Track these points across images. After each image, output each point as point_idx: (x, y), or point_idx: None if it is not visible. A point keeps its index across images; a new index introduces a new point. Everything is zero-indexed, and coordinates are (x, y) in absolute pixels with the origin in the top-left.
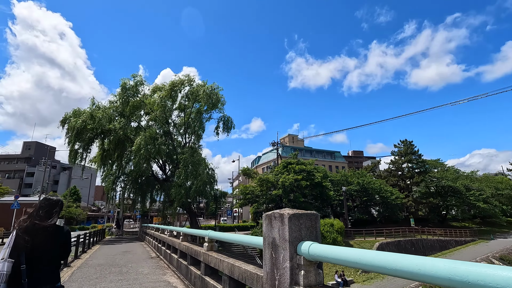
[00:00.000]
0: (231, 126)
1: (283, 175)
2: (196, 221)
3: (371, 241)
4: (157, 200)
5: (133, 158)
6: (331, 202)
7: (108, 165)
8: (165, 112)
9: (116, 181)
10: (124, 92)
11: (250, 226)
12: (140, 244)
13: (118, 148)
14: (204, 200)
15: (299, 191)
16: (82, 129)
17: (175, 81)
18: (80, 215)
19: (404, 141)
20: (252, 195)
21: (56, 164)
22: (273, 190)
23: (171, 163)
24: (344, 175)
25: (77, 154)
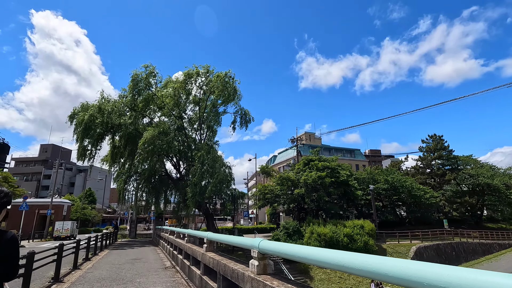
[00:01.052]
0: (249, 120)
1: (305, 173)
2: (213, 223)
3: (406, 245)
4: (171, 200)
5: (141, 153)
6: (357, 202)
7: (119, 164)
8: (178, 106)
9: (128, 180)
10: (135, 84)
11: (270, 228)
12: (153, 249)
13: (129, 145)
14: (220, 201)
15: (323, 190)
16: (90, 123)
17: (190, 72)
18: (95, 217)
19: (433, 136)
20: (271, 194)
21: (72, 167)
22: (294, 189)
23: (186, 161)
24: (370, 172)
25: (86, 151)
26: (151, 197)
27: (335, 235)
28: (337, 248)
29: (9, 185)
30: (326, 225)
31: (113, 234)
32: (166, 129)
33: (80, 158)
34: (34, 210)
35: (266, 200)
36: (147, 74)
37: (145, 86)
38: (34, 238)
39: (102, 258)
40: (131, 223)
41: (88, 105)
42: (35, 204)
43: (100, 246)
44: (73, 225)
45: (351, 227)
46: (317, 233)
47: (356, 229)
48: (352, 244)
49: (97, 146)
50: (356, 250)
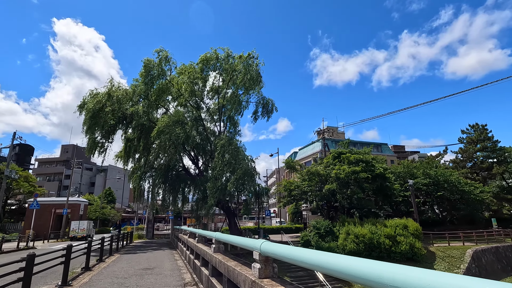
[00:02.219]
0: (271, 109)
1: (336, 167)
2: (235, 223)
3: (458, 248)
4: (189, 198)
5: (156, 146)
6: (394, 198)
7: (134, 159)
8: (195, 95)
9: (143, 176)
10: (147, 72)
11: (295, 228)
12: (170, 254)
13: (144, 138)
14: (243, 198)
15: (357, 185)
16: (99, 111)
17: (208, 56)
18: (114, 216)
19: (474, 125)
20: (298, 191)
21: (92, 167)
22: (324, 185)
23: (204, 156)
24: (406, 166)
25: (96, 144)
26: (168, 194)
27: (374, 236)
28: (378, 251)
29: (30, 185)
30: (364, 225)
31: (128, 235)
32: (182, 118)
33: (90, 151)
34: (51, 210)
35: (292, 198)
36: (160, 59)
37: (158, 74)
38: (50, 238)
39: (107, 266)
40: (148, 223)
41: (97, 93)
42: (51, 203)
43: (110, 250)
44: (89, 225)
45: (393, 227)
46: (354, 234)
47: (398, 229)
48: (396, 247)
49: (109, 138)
50: (401, 254)
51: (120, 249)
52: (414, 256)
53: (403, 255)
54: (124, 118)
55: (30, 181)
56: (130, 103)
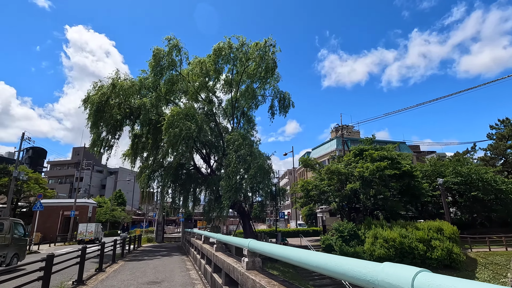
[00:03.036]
0: (288, 104)
1: (359, 164)
2: (250, 225)
3: (502, 253)
4: (201, 199)
5: (165, 142)
6: (422, 198)
7: (142, 158)
8: (207, 88)
9: (152, 176)
10: (157, 62)
11: (313, 231)
12: (181, 261)
13: (152, 134)
14: (258, 199)
15: (382, 184)
16: (104, 104)
17: (221, 46)
18: (124, 219)
19: (504, 120)
20: (316, 191)
21: (103, 169)
22: (346, 184)
23: (216, 154)
24: (433, 164)
25: (101, 140)
26: (179, 195)
27: (406, 241)
28: (411, 257)
29: (40, 187)
30: (393, 228)
31: (136, 238)
32: (193, 112)
33: (93, 148)
34: (58, 212)
35: (310, 198)
36: (170, 47)
37: (168, 64)
38: (57, 241)
39: (106, 278)
40: (158, 226)
41: (102, 85)
42: (59, 205)
43: (113, 256)
44: (97, 228)
45: (425, 230)
46: (383, 237)
47: (431, 232)
48: (431, 253)
49: (115, 134)
50: (437, 260)
51: (126, 255)
52: (453, 263)
53: (440, 261)
54: (131, 113)
55: (40, 183)
56: (137, 96)
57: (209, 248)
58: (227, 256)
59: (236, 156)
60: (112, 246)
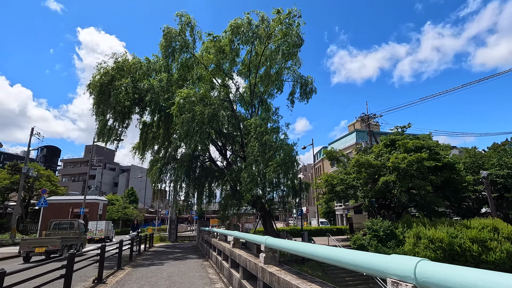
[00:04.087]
0: (310, 90)
1: (394, 155)
2: (271, 223)
3: None
4: (217, 195)
5: (177, 127)
6: (462, 194)
7: (152, 149)
8: (223, 71)
9: (163, 169)
10: (167, 43)
11: (336, 229)
12: (200, 267)
13: (163, 122)
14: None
15: (421, 177)
16: (108, 85)
17: (238, 22)
18: (137, 216)
19: None
20: (344, 185)
21: (115, 167)
22: (380, 177)
23: (233, 145)
24: (472, 155)
25: (108, 129)
26: (193, 190)
27: (455, 241)
28: (463, 260)
29: (52, 184)
30: (437, 226)
31: (148, 237)
32: (207, 95)
33: (100, 137)
34: (68, 209)
35: (335, 194)
36: (182, 26)
37: (180, 46)
38: None
39: None
40: (171, 224)
41: (107, 66)
42: (69, 202)
43: (118, 262)
44: (108, 225)
45: (476, 229)
46: (428, 237)
47: (485, 232)
48: (488, 255)
49: (123, 122)
50: (495, 264)
51: (136, 258)
52: None
53: (498, 265)
54: (140, 99)
55: (52, 180)
56: (144, 71)
57: (250, 258)
58: (293, 274)
59: (260, 143)
60: (118, 248)
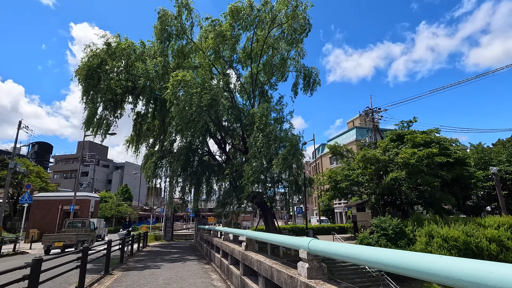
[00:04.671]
0: (314, 82)
1: (403, 150)
2: (273, 221)
3: None
4: (215, 190)
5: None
6: (470, 191)
7: (147, 142)
8: (223, 58)
9: (159, 163)
10: (163, 26)
11: (339, 227)
12: (202, 271)
13: (159, 113)
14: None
15: (431, 173)
16: (97, 69)
17: (238, 6)
18: (131, 214)
19: None
20: (349, 181)
21: (109, 164)
22: (388, 173)
23: (232, 138)
24: (480, 151)
25: (98, 119)
26: (190, 186)
27: (472, 240)
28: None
29: (42, 180)
30: (451, 224)
31: (142, 236)
32: (206, 81)
33: (89, 127)
34: (57, 206)
35: (339, 191)
36: (178, 7)
37: (177, 32)
38: None
39: None
40: (166, 222)
41: (97, 49)
42: (58, 199)
43: (105, 265)
44: (100, 223)
45: (493, 228)
46: (441, 236)
47: (502, 230)
48: (506, 255)
49: (115, 112)
50: None
51: (127, 260)
52: None
53: None
54: (133, 87)
55: (42, 176)
56: (137, 55)
57: (281, 268)
58: None
59: (263, 134)
60: (106, 249)
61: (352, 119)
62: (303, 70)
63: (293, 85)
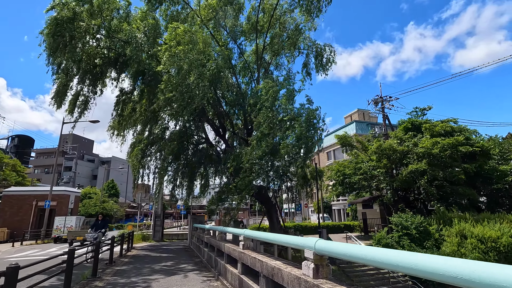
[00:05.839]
0: (328, 61)
1: (423, 139)
2: (278, 219)
3: None
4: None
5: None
6: (492, 185)
7: (133, 127)
8: (225, 29)
9: (147, 151)
10: None
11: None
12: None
13: (147, 92)
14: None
15: (455, 165)
16: (67, 23)
17: None
18: (117, 211)
19: None
20: (362, 175)
21: (94, 158)
22: (409, 165)
23: (231, 126)
24: (499, 143)
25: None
26: (183, 178)
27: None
28: None
29: (18, 175)
30: (483, 223)
31: (128, 237)
32: (208, 50)
33: (59, 101)
34: (31, 202)
35: (349, 185)
36: None
37: None
38: (24, 239)
39: None
40: (155, 219)
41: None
42: (31, 193)
43: (65, 285)
44: (80, 222)
45: None
46: (476, 236)
47: None
48: None
49: (94, 87)
50: None
51: (105, 271)
52: None
53: None
54: (116, 59)
55: (18, 170)
56: (126, 29)
57: None
58: None
59: (271, 113)
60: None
61: (350, 114)
62: (315, 47)
63: (303, 65)
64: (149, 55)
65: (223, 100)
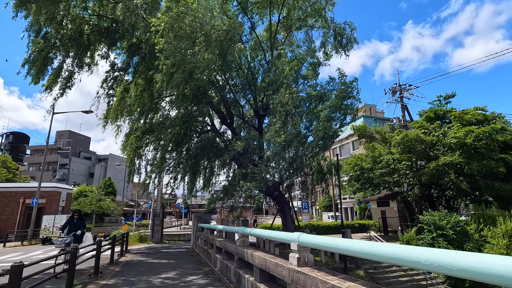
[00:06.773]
0: (349, 40)
1: (455, 128)
2: (292, 218)
3: None
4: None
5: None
6: None
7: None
8: None
9: (144, 138)
10: None
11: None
12: None
13: (145, 68)
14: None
15: (490, 156)
16: None
17: None
18: (114, 210)
19: None
20: (384, 170)
21: (91, 156)
22: (432, 159)
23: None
24: None
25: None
26: (185, 170)
27: None
28: None
29: (9, 171)
30: None
31: (123, 238)
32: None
33: (34, 70)
34: (18, 199)
35: (369, 181)
36: None
37: None
38: (9, 240)
39: None
40: (154, 218)
41: None
42: (18, 190)
43: None
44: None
45: None
46: None
47: None
48: None
49: (80, 59)
50: None
51: (90, 283)
52: None
53: None
54: (107, 29)
55: (9, 166)
56: None
57: None
58: None
59: (296, 89)
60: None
61: (356, 108)
62: (334, 27)
63: (320, 45)
64: (144, 28)
65: (231, 80)
